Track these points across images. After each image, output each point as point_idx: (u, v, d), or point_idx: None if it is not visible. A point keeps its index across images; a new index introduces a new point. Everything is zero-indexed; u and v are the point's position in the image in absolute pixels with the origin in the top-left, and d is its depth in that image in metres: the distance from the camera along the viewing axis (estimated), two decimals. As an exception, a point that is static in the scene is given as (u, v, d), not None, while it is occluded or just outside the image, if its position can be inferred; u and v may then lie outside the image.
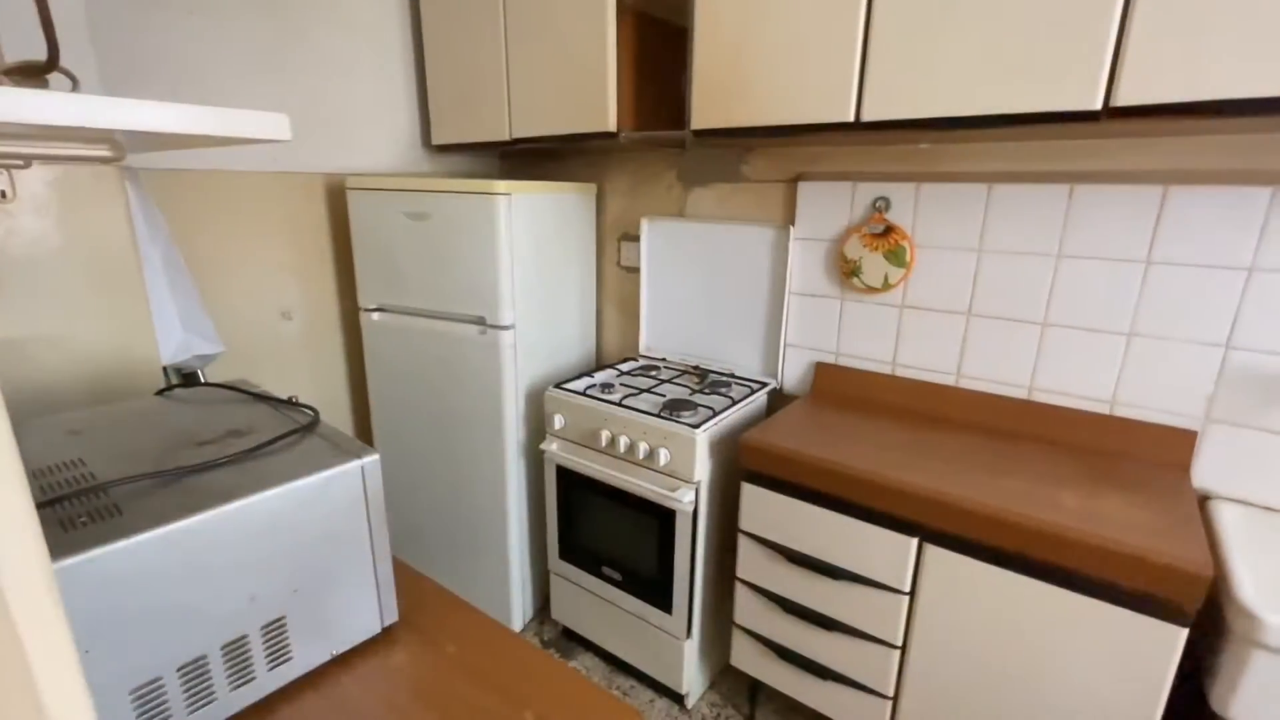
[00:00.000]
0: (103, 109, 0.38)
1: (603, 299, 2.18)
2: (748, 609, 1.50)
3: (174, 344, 1.30)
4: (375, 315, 1.91)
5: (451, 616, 0.86)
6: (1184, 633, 0.97)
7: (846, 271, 1.62)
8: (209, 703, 0.65)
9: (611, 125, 1.60)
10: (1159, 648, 0.99)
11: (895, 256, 1.54)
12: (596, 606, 1.79)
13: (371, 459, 0.75)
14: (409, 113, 2.05)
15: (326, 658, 0.75)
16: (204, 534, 0.63)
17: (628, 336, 2.16)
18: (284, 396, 0.93)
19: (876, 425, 1.49)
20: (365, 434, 2.10)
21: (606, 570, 1.72)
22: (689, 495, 1.47)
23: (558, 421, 1.70)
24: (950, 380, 1.55)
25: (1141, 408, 1.33)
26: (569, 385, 1.74)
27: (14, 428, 0.28)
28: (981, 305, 1.47)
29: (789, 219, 1.72)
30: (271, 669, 0.70)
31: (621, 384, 1.79)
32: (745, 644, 1.54)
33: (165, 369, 1.26)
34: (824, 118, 1.29)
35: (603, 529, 1.70)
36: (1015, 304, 1.43)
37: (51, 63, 0.58)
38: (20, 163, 0.94)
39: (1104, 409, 1.37)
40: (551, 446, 1.73)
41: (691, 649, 1.62)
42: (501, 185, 1.60)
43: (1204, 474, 1.28)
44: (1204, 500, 1.27)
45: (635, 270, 2.06)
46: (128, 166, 1.15)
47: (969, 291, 1.48)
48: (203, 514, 0.63)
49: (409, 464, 2.00)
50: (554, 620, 1.95)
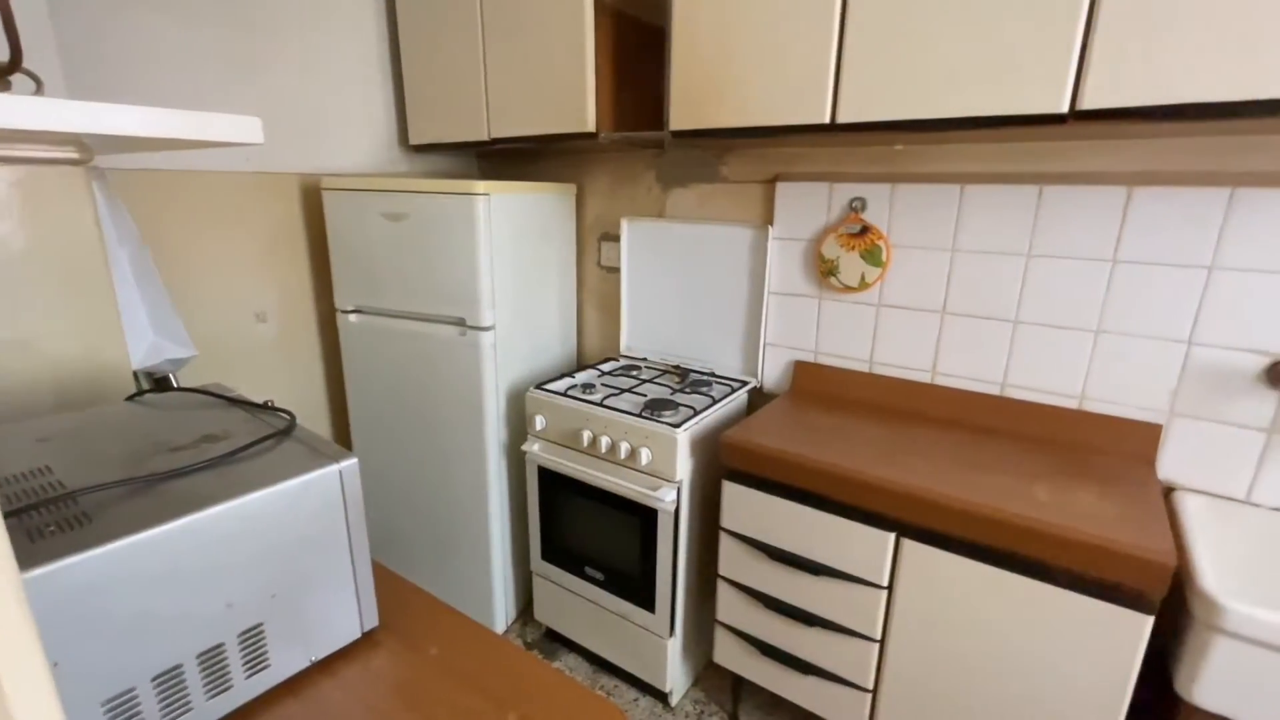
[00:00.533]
0: (70, 112, 0.38)
1: (583, 299, 2.18)
2: (730, 606, 1.52)
3: (144, 348, 1.27)
4: (352, 317, 1.89)
5: (433, 619, 0.86)
6: (1150, 620, 1.00)
7: (824, 271, 1.64)
8: (185, 713, 0.64)
9: (591, 126, 1.60)
10: (1126, 635, 1.02)
11: (871, 256, 1.57)
12: (579, 606, 1.79)
13: (349, 463, 0.75)
14: (385, 113, 2.02)
15: (306, 663, 0.75)
16: (178, 542, 0.62)
17: (608, 337, 2.17)
18: (260, 400, 0.92)
19: (855, 422, 1.51)
20: (343, 437, 2.07)
21: (589, 570, 1.72)
22: (671, 494, 1.48)
23: (539, 422, 1.70)
24: (926, 378, 1.58)
25: (1109, 403, 1.36)
26: (550, 386, 1.74)
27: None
28: (955, 304, 1.50)
29: (767, 219, 1.74)
30: (250, 676, 0.69)
31: (603, 384, 1.79)
32: (727, 641, 1.55)
33: (136, 374, 1.24)
34: (801, 119, 1.30)
35: (585, 529, 1.70)
36: (988, 302, 1.46)
37: (14, 64, 0.57)
38: (-19, 163, 0.91)
39: (1073, 404, 1.40)
40: (533, 447, 1.73)
41: (674, 647, 1.63)
42: (480, 185, 1.60)
43: (1168, 466, 1.32)
44: (1168, 491, 1.31)
45: (615, 270, 2.07)
46: (95, 167, 1.13)
47: (943, 290, 1.51)
48: (176, 521, 0.62)
49: (388, 467, 1.99)
50: (537, 621, 1.94)
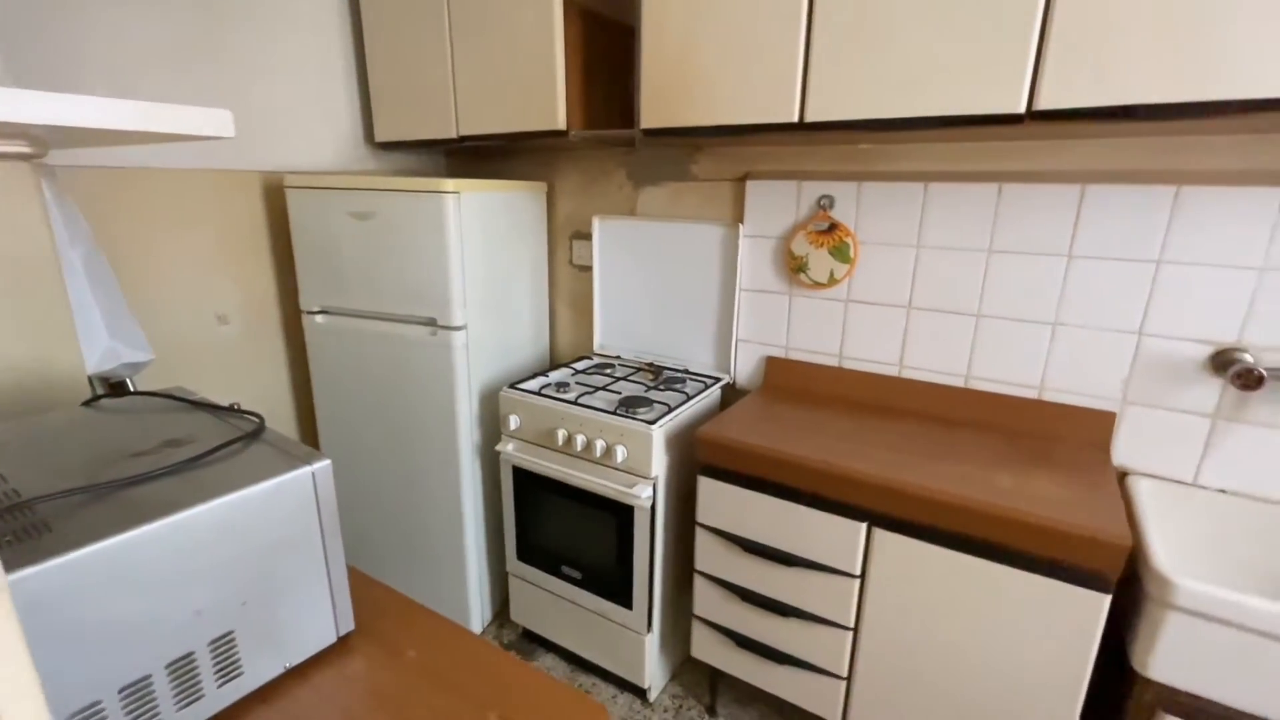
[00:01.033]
0: (29, 103, 0.36)
1: (555, 298, 2.18)
2: (707, 600, 1.53)
3: (99, 352, 1.22)
4: (319, 318, 1.85)
5: (410, 622, 0.85)
6: (1107, 599, 1.04)
7: (794, 268, 1.67)
8: (154, 725, 0.62)
9: (561, 124, 1.59)
10: (1086, 614, 1.06)
11: (840, 253, 1.60)
12: (556, 606, 1.79)
13: (323, 464, 0.74)
14: (349, 109, 1.98)
15: (280, 670, 0.73)
16: (143, 549, 0.60)
17: (581, 335, 2.16)
18: (225, 404, 0.90)
19: (826, 416, 1.54)
20: (311, 440, 2.02)
21: (565, 569, 1.72)
22: (647, 491, 1.49)
23: (513, 422, 1.69)
24: (894, 371, 1.62)
25: (1066, 392, 1.42)
26: (524, 385, 1.73)
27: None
28: (921, 299, 1.54)
29: (738, 217, 1.76)
30: (221, 685, 0.67)
31: (577, 382, 1.79)
32: (705, 635, 1.57)
33: (91, 378, 1.19)
34: (770, 118, 1.32)
35: (561, 528, 1.70)
36: (951, 297, 1.50)
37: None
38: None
39: (1033, 394, 1.45)
40: (507, 447, 1.71)
41: (652, 643, 1.64)
42: (450, 184, 1.58)
43: (1122, 452, 1.38)
44: (1122, 476, 1.37)
45: (587, 269, 2.06)
46: (43, 163, 1.08)
47: (909, 286, 1.55)
48: (141, 528, 0.60)
49: (358, 470, 1.95)
50: (513, 622, 1.93)
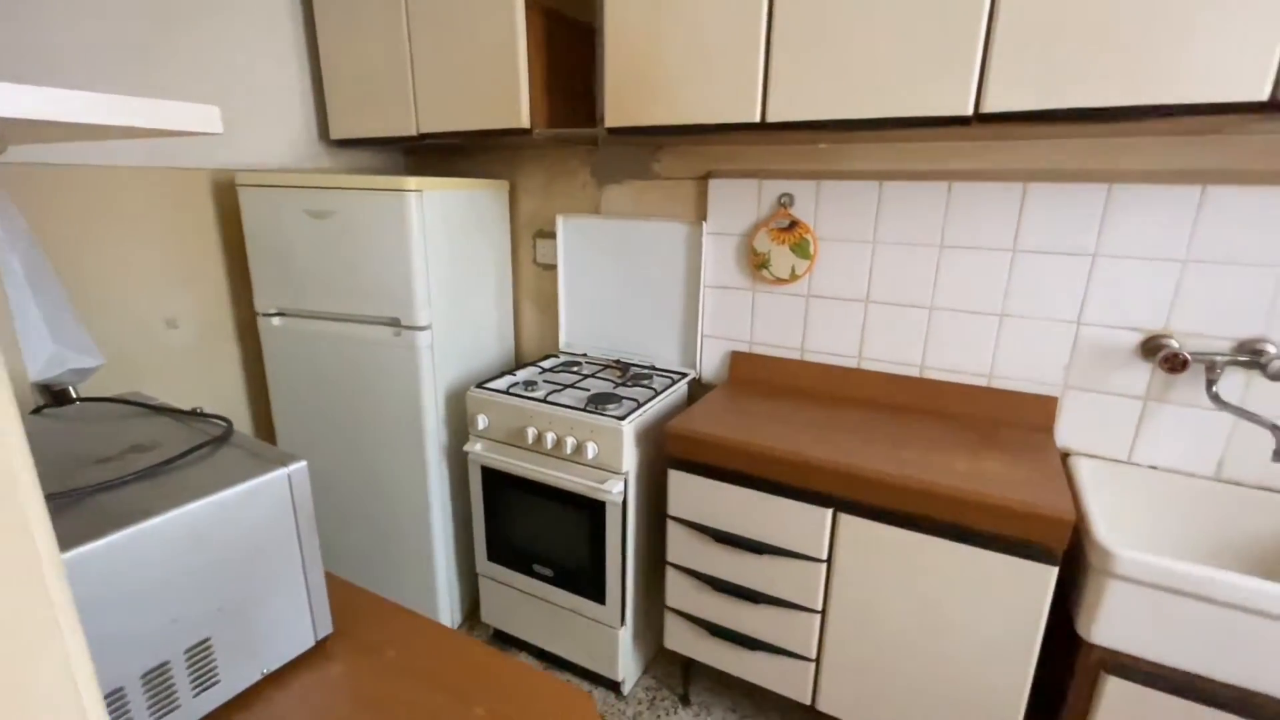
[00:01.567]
0: (4, 95, 0.35)
1: (520, 297, 2.17)
2: (679, 591, 1.56)
3: (43, 358, 1.16)
4: (275, 320, 1.80)
5: (388, 622, 0.84)
6: (1054, 571, 1.12)
7: (756, 264, 1.71)
8: (129, 737, 0.60)
9: (525, 122, 1.59)
10: (1035, 586, 1.13)
11: (800, 249, 1.65)
12: (528, 605, 1.79)
13: (298, 466, 0.73)
14: (303, 105, 1.93)
15: (258, 676, 0.72)
16: (113, 558, 0.58)
17: (547, 334, 2.16)
18: (187, 408, 0.87)
19: (790, 407, 1.59)
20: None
21: (537, 568, 1.72)
22: (618, 486, 1.50)
23: (481, 422, 1.68)
24: (853, 363, 1.68)
25: (1013, 379, 1.50)
26: (491, 384, 1.72)
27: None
28: (877, 293, 1.60)
29: (701, 215, 1.79)
30: (198, 694, 0.66)
31: (545, 381, 1.79)
32: (678, 625, 1.59)
33: (34, 386, 1.13)
34: (733, 118, 1.35)
35: (532, 527, 1.70)
36: (906, 291, 1.57)
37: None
38: None
39: (983, 382, 1.53)
40: (475, 447, 1.70)
41: (626, 636, 1.66)
42: (412, 182, 1.56)
43: (1064, 434, 1.46)
44: (1065, 456, 1.45)
45: (552, 268, 2.06)
46: (-24, 160, 1.02)
47: (866, 280, 1.61)
48: (110, 536, 0.58)
49: (321, 475, 1.90)
50: (484, 624, 1.92)
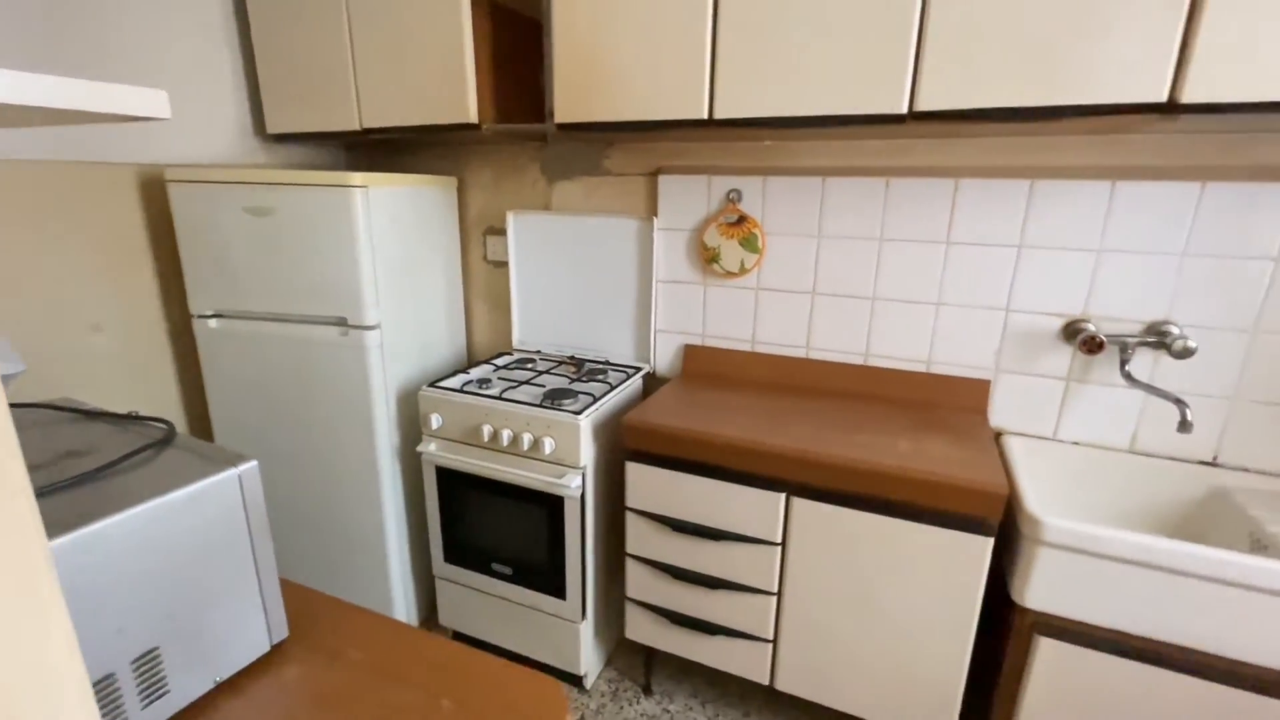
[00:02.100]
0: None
1: (470, 295, 2.14)
2: (639, 582, 1.58)
3: (-47, 366, 1.08)
4: (212, 322, 1.72)
5: (346, 623, 0.83)
6: (990, 542, 1.19)
7: (707, 259, 1.74)
8: (73, 753, 0.58)
9: (473, 117, 1.57)
10: (973, 557, 1.21)
11: (749, 244, 1.69)
12: (487, 605, 1.77)
13: (249, 466, 0.71)
14: (236, 98, 1.85)
15: (210, 685, 0.70)
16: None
17: (499, 331, 2.14)
18: (122, 412, 0.83)
19: (742, 398, 1.63)
20: (207, 456, 1.87)
21: (496, 566, 1.71)
22: (576, 480, 1.51)
23: (434, 421, 1.65)
24: (802, 353, 1.73)
25: (949, 364, 1.58)
26: (444, 383, 1.70)
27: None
28: (823, 285, 1.66)
29: (652, 211, 1.81)
30: (146, 706, 0.64)
31: (499, 378, 1.77)
32: (638, 615, 1.61)
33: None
34: (681, 114, 1.38)
35: (489, 525, 1.68)
36: (849, 283, 1.63)
37: None
38: None
39: (922, 368, 1.61)
40: (429, 448, 1.68)
41: (587, 630, 1.67)
42: (357, 177, 1.52)
43: (997, 415, 1.56)
44: (998, 436, 1.55)
45: (503, 265, 2.05)
46: None
47: (812, 273, 1.67)
48: (49, 544, 0.55)
49: (267, 481, 1.83)
50: (442, 626, 1.89)
